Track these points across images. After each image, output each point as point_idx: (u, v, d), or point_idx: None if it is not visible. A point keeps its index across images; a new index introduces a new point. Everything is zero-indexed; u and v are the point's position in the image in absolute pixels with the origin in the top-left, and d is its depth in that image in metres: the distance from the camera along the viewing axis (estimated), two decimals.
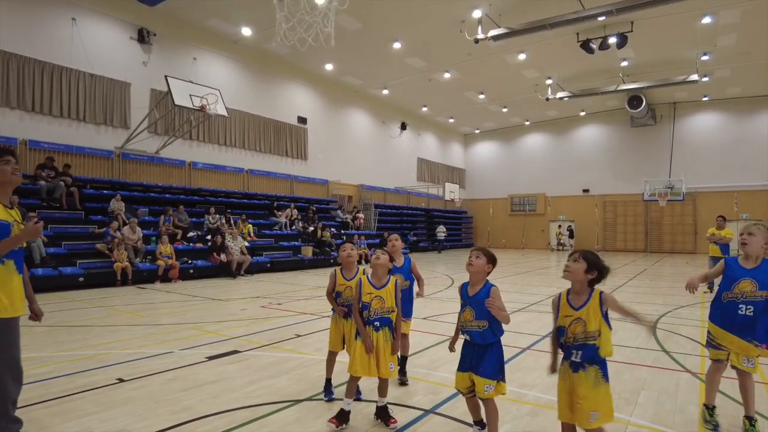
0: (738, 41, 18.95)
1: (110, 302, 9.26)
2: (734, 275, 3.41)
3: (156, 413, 3.72)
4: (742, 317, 3.32)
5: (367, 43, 19.26)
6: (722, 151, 27.30)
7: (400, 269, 4.47)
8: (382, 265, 3.57)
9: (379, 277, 3.57)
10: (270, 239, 17.41)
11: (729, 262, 3.51)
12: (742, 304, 3.33)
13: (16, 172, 3.07)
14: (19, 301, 3.02)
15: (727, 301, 3.41)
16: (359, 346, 3.50)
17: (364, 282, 3.57)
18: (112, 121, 15.39)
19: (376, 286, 3.55)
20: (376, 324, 3.52)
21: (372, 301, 3.52)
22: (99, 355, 5.40)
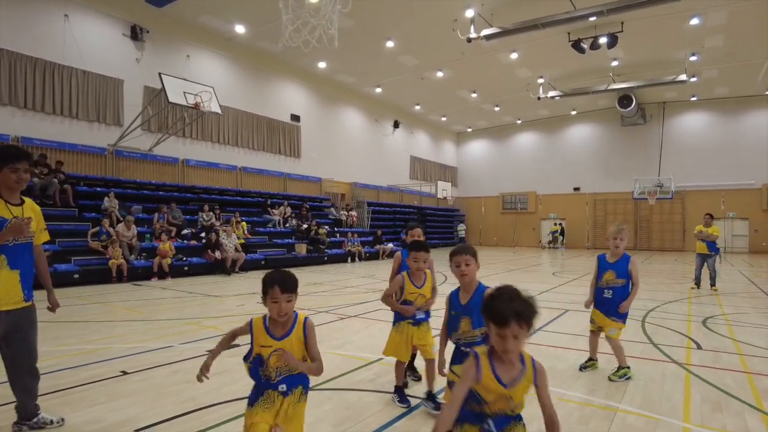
0: (725, 42, 19.29)
1: (107, 299, 9.31)
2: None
3: (162, 403, 3.83)
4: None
5: (361, 42, 19.35)
6: (710, 150, 27.74)
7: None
8: (423, 269, 3.77)
9: (419, 276, 3.82)
10: (264, 237, 17.48)
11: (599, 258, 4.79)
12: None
13: (20, 181, 3.19)
14: (4, 295, 3.12)
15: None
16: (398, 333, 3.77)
17: (407, 282, 3.77)
18: (105, 119, 15.36)
19: (417, 285, 3.80)
20: (420, 318, 3.78)
21: (416, 299, 3.77)
22: (100, 349, 5.48)
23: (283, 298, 2.39)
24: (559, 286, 11.84)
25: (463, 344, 2.97)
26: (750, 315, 7.93)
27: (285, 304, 2.38)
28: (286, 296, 2.40)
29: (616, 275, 4.58)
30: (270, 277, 2.42)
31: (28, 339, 3.38)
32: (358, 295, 10.08)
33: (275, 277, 2.42)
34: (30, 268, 3.37)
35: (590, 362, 4.86)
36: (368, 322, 7.23)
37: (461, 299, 2.99)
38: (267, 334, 2.49)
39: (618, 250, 4.60)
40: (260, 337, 2.50)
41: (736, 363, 5.10)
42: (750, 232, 27.11)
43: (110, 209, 13.26)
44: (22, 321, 3.31)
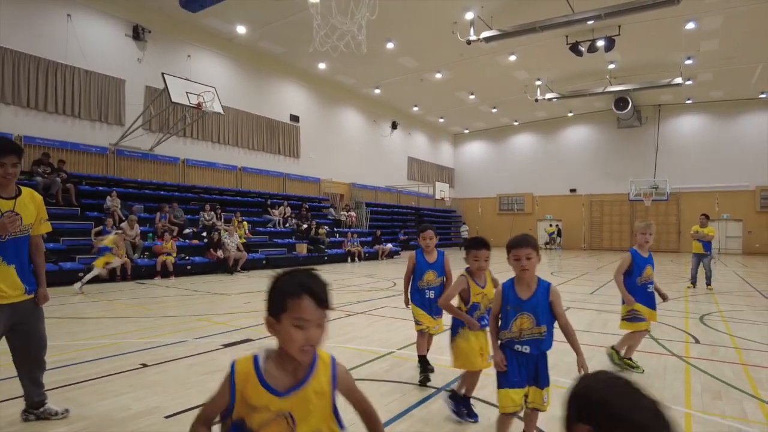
0: (720, 46, 19.60)
1: (113, 296, 9.41)
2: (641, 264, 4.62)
3: (185, 393, 3.97)
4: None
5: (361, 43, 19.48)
6: (704, 152, 28.09)
7: (433, 265, 4.35)
8: (484, 269, 3.53)
9: (480, 276, 3.55)
10: (264, 236, 17.59)
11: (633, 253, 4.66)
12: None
13: (8, 175, 3.14)
14: (5, 289, 3.17)
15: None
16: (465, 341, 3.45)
17: (471, 283, 3.45)
18: (107, 118, 15.45)
19: (481, 285, 3.50)
20: (484, 323, 3.45)
21: (482, 300, 3.45)
22: (116, 343, 5.60)
23: (315, 319, 1.42)
24: (558, 285, 12.00)
25: (520, 343, 2.76)
26: (745, 312, 8.14)
27: (315, 329, 1.42)
28: (320, 315, 1.43)
29: (653, 269, 4.67)
30: (292, 282, 1.46)
31: (33, 330, 3.41)
32: (362, 293, 10.22)
33: (302, 281, 1.45)
34: (27, 261, 3.39)
35: (633, 362, 4.75)
36: (374, 318, 7.37)
37: (520, 294, 2.78)
38: (263, 388, 1.44)
39: (649, 244, 4.63)
40: (250, 393, 1.44)
41: (732, 356, 5.28)
42: (744, 234, 27.47)
43: (113, 208, 13.34)
44: (27, 313, 3.36)
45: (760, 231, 26.82)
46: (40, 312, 3.51)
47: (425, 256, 4.41)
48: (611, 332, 6.42)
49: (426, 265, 4.36)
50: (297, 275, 1.45)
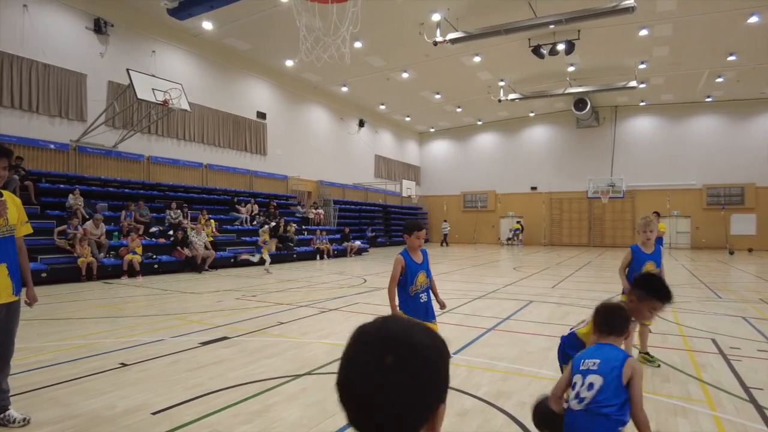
0: (670, 52, 20.69)
1: (81, 296, 9.26)
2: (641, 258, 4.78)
3: (171, 390, 4.07)
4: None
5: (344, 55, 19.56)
6: (657, 152, 29.54)
7: (422, 266, 3.99)
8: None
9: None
10: (232, 234, 17.46)
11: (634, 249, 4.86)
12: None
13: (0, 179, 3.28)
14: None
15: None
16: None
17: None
18: (68, 114, 14.99)
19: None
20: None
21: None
22: (92, 344, 5.60)
23: None
24: (520, 280, 12.52)
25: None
26: (691, 303, 8.77)
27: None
28: None
29: (656, 265, 4.71)
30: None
31: (7, 333, 3.43)
32: (334, 290, 10.40)
33: None
34: (15, 261, 3.46)
35: (650, 356, 4.89)
36: (348, 313, 7.58)
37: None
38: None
39: (651, 241, 4.74)
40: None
41: (679, 343, 5.78)
42: (692, 230, 29.06)
43: (75, 207, 13.01)
44: (10, 315, 3.41)
45: (706, 227, 28.44)
46: (18, 315, 3.54)
47: (412, 256, 3.97)
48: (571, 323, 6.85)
49: (417, 267, 3.94)
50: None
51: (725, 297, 9.62)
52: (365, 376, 0.77)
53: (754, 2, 16.22)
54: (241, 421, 3.45)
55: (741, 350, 5.47)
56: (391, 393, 0.75)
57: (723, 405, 3.83)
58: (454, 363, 4.90)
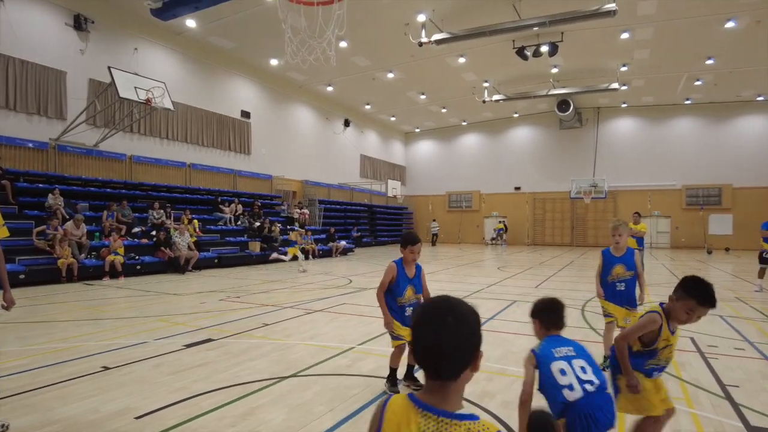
0: (651, 55, 21.07)
1: (62, 298, 9.11)
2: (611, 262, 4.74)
3: (155, 393, 4.04)
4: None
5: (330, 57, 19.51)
6: (638, 153, 30.04)
7: (413, 280, 3.93)
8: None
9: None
10: (215, 235, 17.31)
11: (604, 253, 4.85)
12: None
13: None
14: None
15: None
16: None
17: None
18: (47, 112, 14.70)
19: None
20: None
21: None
22: (73, 347, 5.52)
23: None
24: (504, 279, 12.64)
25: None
26: None
27: None
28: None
29: (625, 268, 4.66)
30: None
31: None
32: (319, 291, 10.38)
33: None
34: None
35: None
36: (333, 315, 7.58)
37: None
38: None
39: (620, 245, 4.71)
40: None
41: None
42: (672, 229, 29.61)
43: (55, 207, 12.77)
44: None
45: (685, 227, 29.01)
46: None
47: (405, 269, 3.94)
48: None
49: (407, 280, 3.94)
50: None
51: None
52: (434, 331, 1.16)
53: (730, 8, 16.61)
54: (226, 424, 3.44)
55: (718, 348, 5.61)
56: (451, 342, 1.15)
57: (701, 402, 3.92)
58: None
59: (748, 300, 9.32)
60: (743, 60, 21.23)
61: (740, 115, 27.96)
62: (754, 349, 5.67)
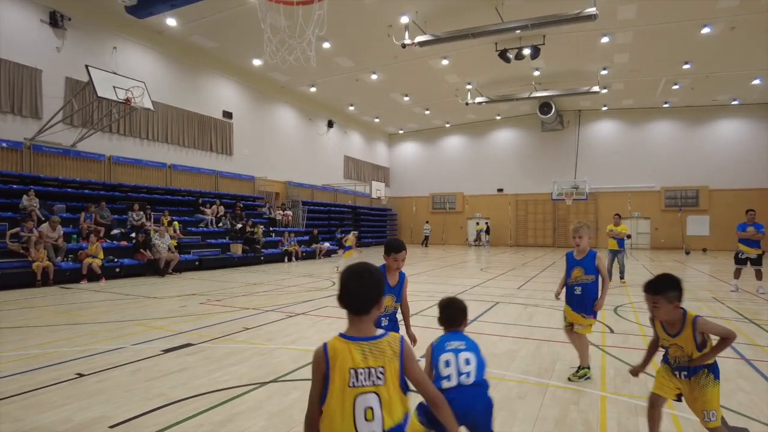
0: (630, 59, 21.42)
1: (37, 303, 8.86)
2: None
3: (131, 401, 3.93)
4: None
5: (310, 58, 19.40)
6: (618, 155, 30.52)
7: (393, 289, 3.59)
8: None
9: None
10: (197, 236, 17.07)
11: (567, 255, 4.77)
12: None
13: None
14: None
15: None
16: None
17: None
18: (21, 110, 14.33)
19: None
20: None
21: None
22: (48, 353, 5.36)
23: None
24: (487, 280, 12.70)
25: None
26: None
27: None
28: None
29: (584, 272, 4.55)
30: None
31: None
32: (301, 293, 10.29)
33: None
34: None
35: (582, 370, 4.60)
36: (316, 318, 7.50)
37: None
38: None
39: (580, 247, 4.61)
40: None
41: (641, 343, 5.96)
42: (651, 230, 30.13)
43: (30, 208, 12.45)
44: None
45: (664, 228, 29.55)
46: None
47: (388, 277, 3.59)
48: (537, 325, 7.00)
49: (388, 289, 3.56)
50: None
51: None
52: (355, 283, 1.76)
53: (706, 14, 16.97)
54: (204, 431, 3.36)
55: None
56: (364, 290, 1.75)
57: (681, 405, 3.95)
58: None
59: (725, 300, 9.50)
60: (719, 65, 21.73)
61: (716, 118, 28.59)
62: (730, 348, 5.76)
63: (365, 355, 1.68)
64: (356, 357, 1.67)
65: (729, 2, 16.12)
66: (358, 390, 1.65)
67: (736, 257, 10.81)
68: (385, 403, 1.66)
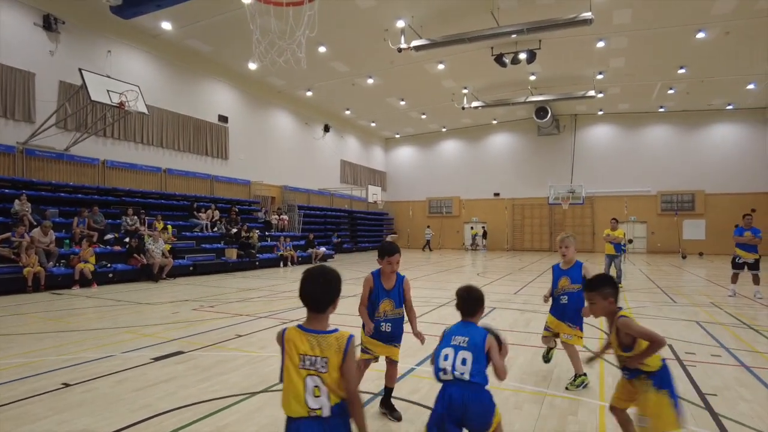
0: (626, 64, 21.47)
1: (26, 309, 8.71)
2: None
3: (115, 412, 3.81)
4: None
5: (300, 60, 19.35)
6: (614, 159, 30.56)
7: (390, 293, 3.64)
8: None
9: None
10: (191, 241, 16.92)
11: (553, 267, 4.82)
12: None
13: None
14: None
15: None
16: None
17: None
18: (14, 114, 14.20)
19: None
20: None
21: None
22: (32, 362, 5.23)
23: None
24: (484, 285, 12.59)
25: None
26: (648, 308, 9.01)
27: None
28: None
29: (570, 281, 4.58)
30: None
31: None
32: (295, 300, 10.15)
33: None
34: None
35: (580, 378, 4.50)
36: None
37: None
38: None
39: (566, 258, 4.67)
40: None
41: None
42: (648, 234, 30.13)
43: (22, 213, 12.30)
44: None
45: (661, 232, 29.55)
46: None
47: (382, 280, 3.66)
48: (534, 331, 6.90)
49: (383, 293, 3.64)
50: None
51: (679, 301, 9.93)
52: (312, 285, 2.04)
53: (701, 19, 17.02)
54: None
55: (696, 355, 5.60)
56: (320, 291, 2.04)
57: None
58: (417, 375, 4.82)
59: (723, 305, 9.44)
60: (713, 70, 21.80)
61: (711, 123, 28.67)
62: (729, 355, 5.69)
63: (313, 346, 1.99)
64: (305, 345, 2.00)
65: (723, 8, 16.16)
66: (307, 372, 1.96)
67: (733, 262, 10.77)
68: (329, 386, 1.96)
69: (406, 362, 5.26)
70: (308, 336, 2.01)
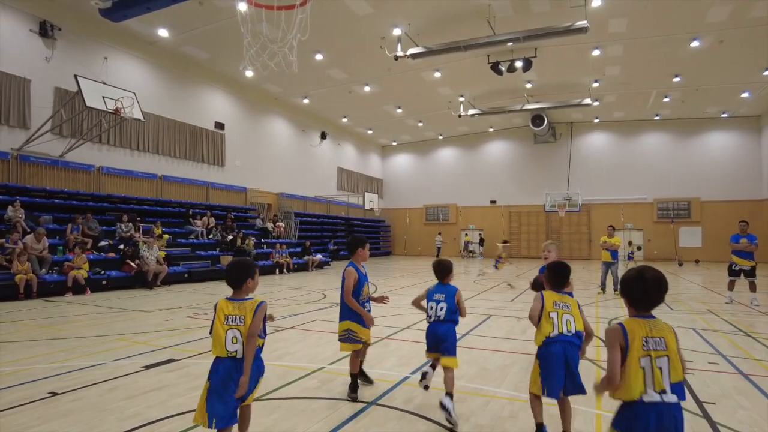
0: (621, 72, 21.59)
1: (17, 316, 8.61)
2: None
3: (104, 422, 3.74)
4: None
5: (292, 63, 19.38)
6: (611, 167, 30.65)
7: (366, 277, 4.54)
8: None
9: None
10: (186, 248, 16.83)
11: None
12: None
13: None
14: None
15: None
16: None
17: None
18: (8, 120, 14.15)
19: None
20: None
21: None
22: (20, 371, 5.15)
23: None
24: (480, 293, 12.55)
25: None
26: None
27: None
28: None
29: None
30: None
31: None
32: (291, 306, 10.10)
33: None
34: None
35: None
36: (305, 332, 7.32)
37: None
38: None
39: (548, 261, 4.83)
40: None
41: None
42: (644, 242, 30.16)
43: (15, 219, 12.21)
44: None
45: (657, 239, 29.59)
46: None
47: (359, 268, 4.44)
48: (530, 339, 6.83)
49: (364, 278, 4.45)
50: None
51: (676, 308, 9.90)
52: (229, 271, 3.09)
53: (695, 28, 17.15)
54: None
55: (693, 363, 5.56)
56: (235, 274, 3.06)
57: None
58: (411, 384, 4.76)
59: (719, 312, 9.41)
60: (708, 78, 21.94)
61: (706, 131, 28.82)
62: (727, 363, 5.65)
63: (234, 308, 2.94)
64: (229, 308, 2.94)
65: (717, 16, 16.29)
66: (229, 326, 2.88)
67: (729, 269, 10.76)
68: (244, 336, 2.87)
69: (400, 371, 5.21)
70: (232, 303, 2.96)
